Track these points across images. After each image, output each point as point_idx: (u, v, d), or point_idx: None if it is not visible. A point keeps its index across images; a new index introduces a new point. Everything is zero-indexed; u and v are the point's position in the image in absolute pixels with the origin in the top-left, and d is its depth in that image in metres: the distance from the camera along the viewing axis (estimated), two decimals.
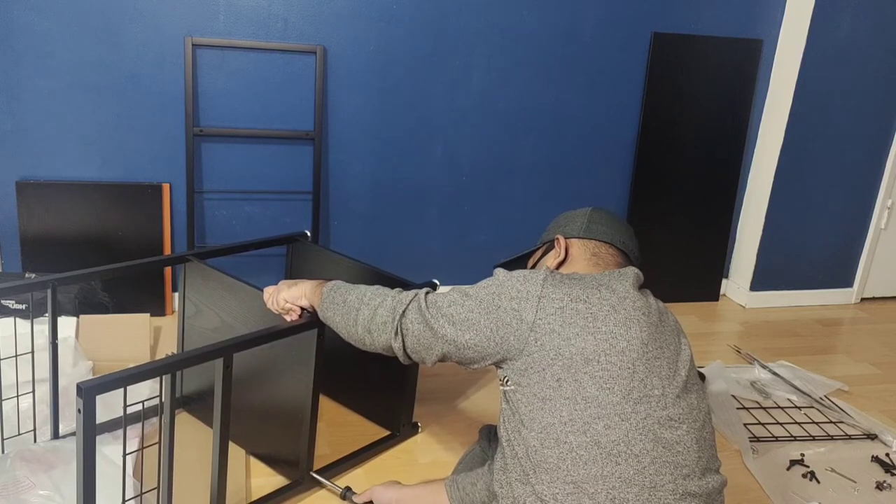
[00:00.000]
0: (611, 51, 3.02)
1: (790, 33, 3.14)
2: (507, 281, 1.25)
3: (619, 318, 1.17)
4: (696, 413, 1.18)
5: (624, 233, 1.43)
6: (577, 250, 1.41)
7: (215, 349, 1.49)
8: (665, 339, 1.21)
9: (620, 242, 1.41)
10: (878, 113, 3.28)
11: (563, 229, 1.46)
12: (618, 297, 1.20)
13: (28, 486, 1.64)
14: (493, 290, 1.26)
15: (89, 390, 1.28)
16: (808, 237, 3.41)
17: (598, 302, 1.19)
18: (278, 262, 2.90)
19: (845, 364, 2.89)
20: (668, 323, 1.26)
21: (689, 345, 1.28)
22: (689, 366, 1.22)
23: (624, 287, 1.23)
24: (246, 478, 1.87)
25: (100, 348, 2.33)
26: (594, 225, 1.43)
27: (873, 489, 2.05)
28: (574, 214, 1.48)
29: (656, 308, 1.25)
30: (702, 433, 1.18)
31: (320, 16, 2.71)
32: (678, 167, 3.23)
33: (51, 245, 2.64)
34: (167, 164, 2.73)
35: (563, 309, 1.18)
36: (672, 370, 1.18)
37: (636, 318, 1.18)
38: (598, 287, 1.22)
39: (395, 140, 2.92)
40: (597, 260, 1.38)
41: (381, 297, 1.38)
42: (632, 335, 1.16)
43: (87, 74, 2.57)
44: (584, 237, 1.41)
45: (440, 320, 1.28)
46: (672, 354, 1.20)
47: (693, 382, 1.22)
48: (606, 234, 1.41)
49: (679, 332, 1.28)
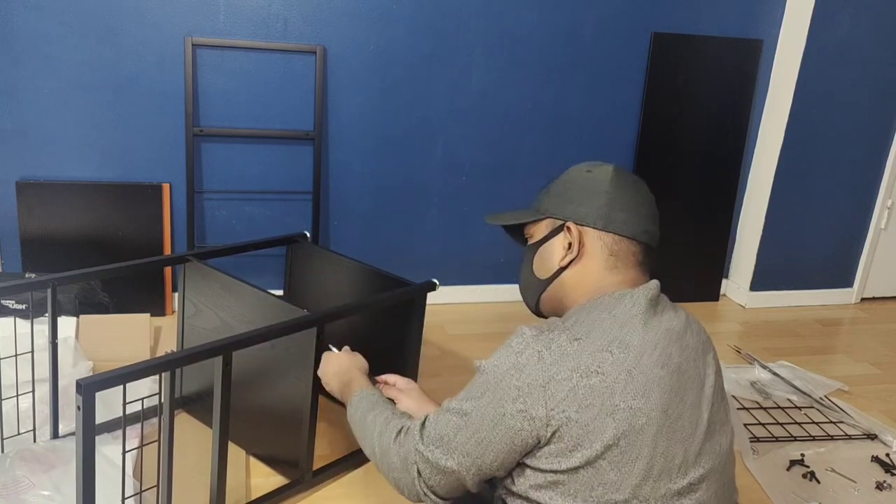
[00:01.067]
0: (611, 51, 3.02)
1: (790, 33, 3.14)
2: (501, 380, 1.03)
3: (636, 386, 1.00)
4: (718, 459, 1.07)
5: (647, 216, 1.17)
6: (593, 245, 1.15)
7: (214, 347, 1.49)
8: (687, 381, 1.06)
9: (643, 233, 1.16)
10: (878, 113, 3.28)
11: (577, 208, 1.16)
12: (633, 356, 1.02)
13: (28, 485, 1.64)
14: (490, 397, 1.04)
15: (89, 387, 1.29)
16: (808, 237, 3.41)
17: (612, 370, 1.00)
18: (278, 262, 2.90)
19: (845, 364, 2.89)
20: (690, 350, 1.09)
21: (715, 358, 1.14)
22: (712, 398, 1.08)
23: (639, 335, 1.04)
24: (246, 477, 1.87)
25: (100, 348, 2.33)
26: (616, 212, 1.15)
27: (873, 489, 2.05)
28: (590, 186, 1.17)
29: (676, 337, 1.08)
30: (722, 479, 1.08)
31: (320, 16, 2.71)
32: (678, 167, 3.23)
33: (51, 245, 2.64)
34: (167, 164, 2.73)
35: (574, 389, 0.99)
36: (694, 420, 1.05)
37: (655, 380, 1.02)
38: (609, 345, 1.02)
39: (395, 140, 2.92)
40: (615, 261, 1.15)
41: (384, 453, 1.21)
42: (651, 405, 1.00)
43: (87, 74, 2.57)
44: (601, 228, 1.15)
45: (454, 456, 1.08)
46: (694, 398, 1.06)
47: (717, 417, 1.09)
48: (629, 225, 1.15)
49: (704, 352, 1.12)
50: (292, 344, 1.75)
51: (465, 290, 3.18)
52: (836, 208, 3.40)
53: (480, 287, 3.19)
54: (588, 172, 1.19)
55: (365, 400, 1.36)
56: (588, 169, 1.20)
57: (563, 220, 1.18)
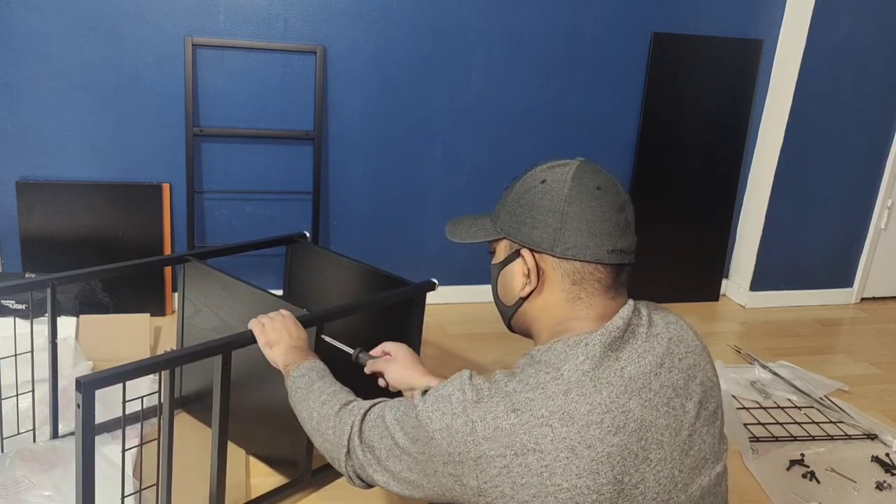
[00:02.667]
0: (611, 51, 3.02)
1: (790, 33, 3.14)
2: (433, 438, 0.95)
3: (581, 464, 0.89)
4: (702, 500, 0.98)
5: (614, 231, 1.01)
6: (553, 273, 1.02)
7: (214, 345, 1.49)
8: (653, 434, 0.94)
9: (609, 254, 1.00)
10: (878, 113, 3.28)
11: (530, 232, 1.03)
12: (577, 430, 0.89)
13: (28, 485, 1.64)
14: (422, 448, 0.97)
15: (88, 385, 1.29)
16: (808, 237, 3.41)
17: (551, 448, 0.89)
18: (278, 262, 2.89)
19: (845, 364, 2.89)
20: (662, 391, 0.96)
21: (703, 382, 1.01)
22: (692, 436, 0.97)
23: (587, 401, 0.91)
24: (245, 477, 1.88)
25: (100, 348, 2.33)
26: (572, 234, 0.99)
27: (873, 489, 2.04)
28: (543, 204, 1.02)
29: (640, 385, 0.95)
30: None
31: (320, 16, 2.71)
32: (678, 167, 3.23)
33: (51, 245, 2.64)
34: (167, 164, 2.73)
35: (508, 468, 0.90)
36: (666, 475, 0.94)
37: (605, 454, 0.90)
38: (549, 419, 0.90)
39: (394, 140, 2.92)
40: (578, 291, 1.01)
41: (325, 423, 1.17)
42: (601, 481, 0.89)
43: (87, 74, 2.57)
44: (559, 256, 1.00)
45: (384, 475, 1.04)
46: (664, 453, 0.94)
47: (702, 452, 0.99)
48: (589, 249, 0.99)
49: (688, 380, 1.00)
50: None
51: (465, 290, 3.18)
52: (836, 208, 3.40)
53: (480, 287, 3.19)
54: (542, 184, 1.04)
55: (315, 371, 1.31)
56: (543, 178, 1.05)
57: (519, 245, 1.04)
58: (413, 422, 0.98)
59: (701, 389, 1.01)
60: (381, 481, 1.05)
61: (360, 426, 1.08)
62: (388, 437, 1.02)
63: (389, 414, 1.04)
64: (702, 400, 1.00)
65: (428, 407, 0.97)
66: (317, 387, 1.26)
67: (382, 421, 1.05)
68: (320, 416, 1.18)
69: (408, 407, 1.01)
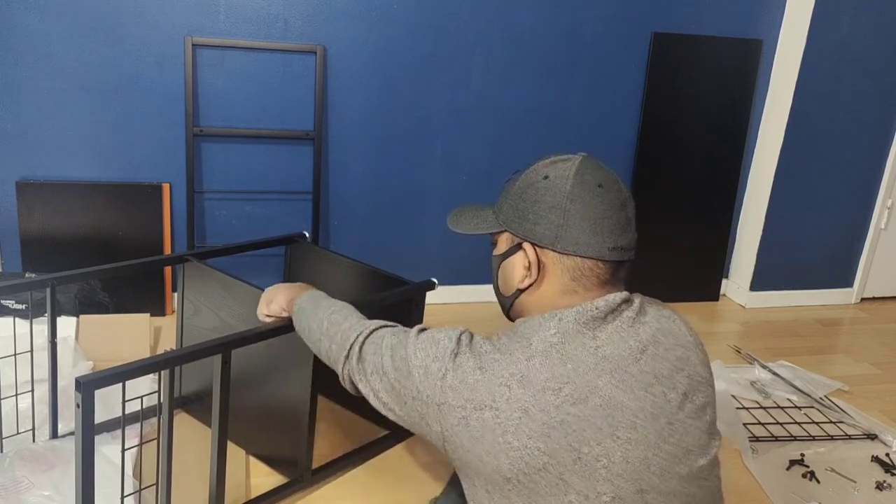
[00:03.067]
0: (611, 51, 3.02)
1: (790, 33, 3.14)
2: (411, 373, 1.02)
3: (534, 426, 0.92)
4: (674, 495, 0.97)
5: (614, 228, 1.03)
6: (553, 268, 1.04)
7: (214, 345, 1.49)
8: (623, 413, 0.95)
9: (610, 251, 1.02)
10: (878, 113, 3.27)
11: (532, 227, 1.05)
12: (533, 394, 0.93)
13: (27, 485, 1.64)
14: (400, 378, 1.04)
15: (88, 385, 1.29)
16: (808, 237, 3.41)
17: (506, 407, 0.93)
18: (277, 262, 2.90)
19: (845, 364, 2.89)
20: (640, 376, 0.97)
21: (689, 376, 1.02)
22: (672, 425, 0.97)
23: (547, 370, 0.95)
24: (245, 476, 1.87)
25: (100, 348, 2.33)
26: (574, 231, 1.02)
27: (873, 489, 2.04)
28: (545, 199, 1.04)
29: (615, 366, 0.96)
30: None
31: (320, 16, 2.71)
32: (678, 167, 3.23)
33: (51, 245, 2.64)
34: (167, 164, 2.73)
35: (466, 420, 0.95)
36: (637, 456, 0.94)
37: (557, 421, 0.92)
38: (509, 380, 0.95)
39: (394, 140, 2.92)
40: (575, 286, 1.03)
41: (333, 329, 1.24)
42: (553, 446, 0.92)
43: (87, 74, 2.57)
44: (560, 251, 1.03)
45: (367, 388, 1.12)
46: (638, 433, 0.95)
47: (684, 442, 0.98)
48: (591, 246, 1.02)
49: (674, 371, 1.00)
50: (291, 343, 1.75)
51: (464, 290, 3.18)
52: (836, 208, 3.40)
53: (480, 287, 3.19)
54: (545, 180, 1.05)
55: (318, 295, 1.42)
56: (545, 174, 1.06)
57: (521, 238, 1.06)
58: (402, 352, 1.06)
59: (687, 382, 1.01)
60: (364, 392, 1.14)
61: (364, 339, 1.17)
62: (379, 356, 1.10)
63: (389, 338, 1.12)
64: (687, 392, 1.00)
65: (418, 343, 1.05)
66: (324, 304, 1.35)
67: (381, 341, 1.13)
68: (330, 324, 1.27)
69: (405, 336, 1.09)
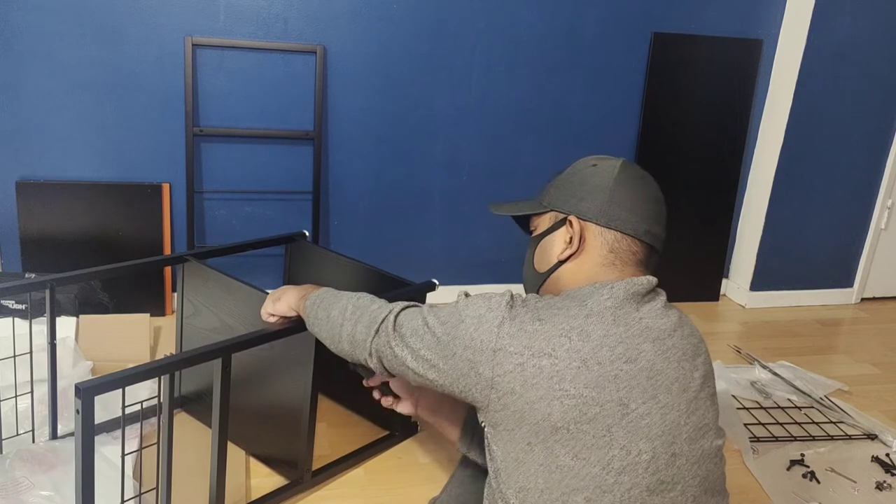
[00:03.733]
0: (611, 51, 3.02)
1: (790, 33, 3.14)
2: (463, 322, 1.06)
3: (590, 376, 0.98)
4: (699, 463, 1.04)
5: (651, 216, 1.16)
6: (594, 241, 1.14)
7: (214, 349, 1.49)
8: (661, 381, 1.02)
9: (645, 233, 1.14)
10: (878, 113, 3.27)
11: (578, 203, 1.16)
12: (591, 347, 1.00)
13: (27, 486, 1.64)
14: (449, 329, 1.07)
15: (87, 391, 1.28)
16: (808, 237, 3.41)
17: (565, 356, 0.99)
18: (277, 262, 2.90)
19: (845, 364, 2.89)
20: (673, 351, 1.05)
21: (706, 362, 1.11)
22: (696, 401, 1.06)
23: (604, 327, 1.02)
24: (245, 478, 1.88)
25: (99, 348, 2.33)
26: (617, 208, 1.14)
27: (873, 489, 2.05)
28: (594, 181, 1.16)
29: (655, 336, 1.05)
30: (704, 484, 1.05)
31: (320, 16, 2.71)
32: (678, 167, 3.23)
33: (51, 245, 2.64)
34: (167, 164, 2.73)
35: (522, 366, 1.00)
36: (670, 421, 1.02)
37: (612, 374, 0.99)
38: (569, 332, 1.01)
39: (395, 140, 2.92)
40: (613, 259, 1.13)
41: (360, 311, 1.26)
42: (606, 397, 0.98)
43: (87, 74, 2.57)
44: (603, 225, 1.14)
45: (404, 351, 1.14)
46: (672, 400, 1.03)
47: (703, 421, 1.06)
48: (630, 223, 1.14)
49: (694, 355, 1.09)
50: (291, 344, 1.75)
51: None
52: (836, 208, 3.39)
53: (480, 287, 3.19)
54: (594, 167, 1.19)
55: (325, 298, 1.39)
56: (594, 163, 1.20)
57: (566, 213, 1.17)
58: (449, 309, 1.11)
59: (704, 368, 1.10)
60: (400, 356, 1.15)
61: (401, 310, 1.20)
62: (420, 318, 1.14)
63: (428, 307, 1.17)
64: (705, 376, 1.10)
65: (468, 301, 1.10)
66: (345, 293, 1.36)
67: (420, 309, 1.18)
68: (355, 307, 1.28)
69: (446, 304, 1.14)
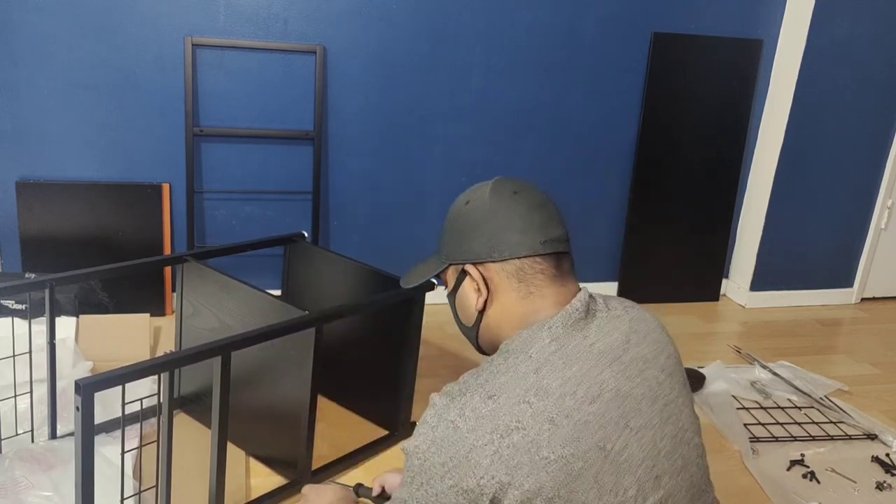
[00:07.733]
0: (611, 51, 3.02)
1: (790, 33, 3.14)
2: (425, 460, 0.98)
3: (563, 433, 0.93)
4: (684, 471, 1.02)
5: (539, 224, 1.07)
6: (499, 280, 1.07)
7: (213, 347, 1.49)
8: (630, 403, 0.99)
9: (542, 244, 1.06)
10: (878, 113, 3.27)
11: (469, 248, 1.09)
12: (554, 401, 0.95)
13: (27, 486, 1.64)
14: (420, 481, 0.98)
15: (87, 387, 1.28)
16: (808, 237, 3.41)
17: (532, 422, 0.93)
18: (276, 262, 2.90)
19: (845, 364, 2.89)
20: (633, 363, 1.02)
21: (673, 356, 1.08)
22: (668, 406, 1.02)
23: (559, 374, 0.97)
24: (245, 477, 1.87)
25: (99, 348, 2.33)
26: (502, 235, 1.06)
27: (873, 489, 2.04)
28: (472, 219, 1.09)
29: (611, 359, 1.01)
30: (691, 490, 1.03)
31: (320, 16, 2.71)
32: (678, 167, 3.23)
33: (51, 245, 2.64)
34: (167, 164, 2.73)
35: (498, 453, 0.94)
36: (648, 442, 0.99)
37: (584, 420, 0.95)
38: (525, 395, 0.95)
39: (394, 140, 2.92)
40: (527, 288, 1.06)
41: None
42: (584, 447, 0.94)
43: (87, 74, 2.57)
44: (498, 260, 1.06)
45: None
46: (644, 419, 0.99)
47: (680, 423, 1.03)
48: (522, 244, 1.05)
49: (657, 355, 1.06)
50: (291, 344, 1.75)
51: None
52: (836, 208, 3.39)
53: None
54: (467, 205, 1.11)
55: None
56: (467, 200, 1.12)
57: (462, 262, 1.10)
58: (407, 467, 1.00)
59: (670, 363, 1.07)
60: None
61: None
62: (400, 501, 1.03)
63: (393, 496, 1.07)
64: (672, 372, 1.06)
65: (413, 441, 1.00)
66: None
67: None
68: None
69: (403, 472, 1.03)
